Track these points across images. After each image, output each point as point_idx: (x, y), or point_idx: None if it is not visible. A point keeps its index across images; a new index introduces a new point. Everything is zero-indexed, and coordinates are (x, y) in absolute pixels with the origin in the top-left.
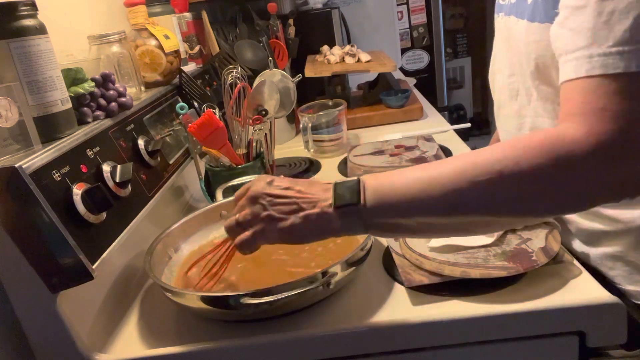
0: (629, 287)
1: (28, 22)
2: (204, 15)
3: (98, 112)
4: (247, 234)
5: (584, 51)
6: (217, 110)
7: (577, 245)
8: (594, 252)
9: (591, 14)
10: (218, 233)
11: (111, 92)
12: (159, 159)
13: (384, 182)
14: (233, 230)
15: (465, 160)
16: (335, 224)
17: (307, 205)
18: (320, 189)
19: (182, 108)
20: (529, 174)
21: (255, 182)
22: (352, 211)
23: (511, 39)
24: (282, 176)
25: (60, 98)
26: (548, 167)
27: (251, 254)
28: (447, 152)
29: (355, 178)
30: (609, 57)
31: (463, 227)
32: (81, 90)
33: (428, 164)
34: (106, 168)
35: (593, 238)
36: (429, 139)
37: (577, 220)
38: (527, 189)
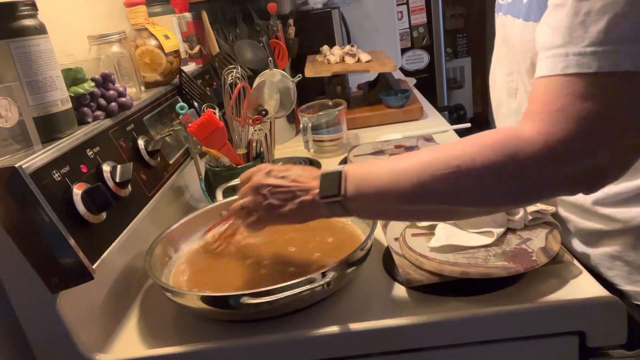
0: (628, 287)
1: (28, 22)
2: (204, 15)
3: (98, 112)
4: (252, 218)
5: (559, 49)
6: (217, 110)
7: (577, 245)
8: (593, 252)
9: (568, 13)
10: (218, 233)
11: (111, 92)
12: (159, 159)
13: (362, 172)
14: (239, 213)
15: (431, 155)
16: (323, 210)
17: (301, 192)
18: (311, 176)
19: (182, 108)
20: (483, 170)
21: (255, 172)
22: (334, 200)
23: (509, 38)
24: (280, 163)
25: (60, 98)
26: (500, 163)
27: (257, 232)
28: None
29: (338, 169)
30: (584, 57)
31: (432, 214)
32: (81, 90)
33: (400, 156)
34: (106, 168)
35: (592, 238)
36: (429, 139)
37: (576, 219)
38: (481, 184)
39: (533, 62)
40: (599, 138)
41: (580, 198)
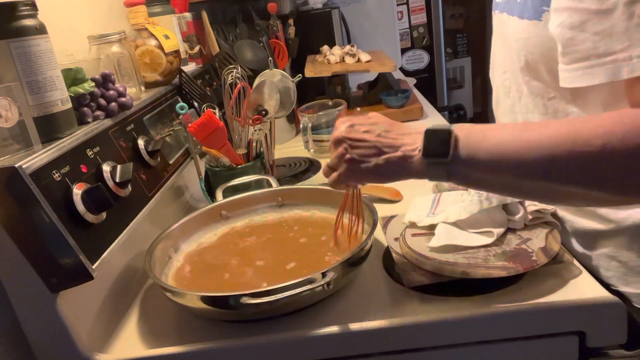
0: (623, 288)
1: (28, 22)
2: (204, 15)
3: (98, 112)
4: (334, 175)
5: (621, 54)
6: (217, 110)
7: (575, 245)
8: (591, 253)
9: (621, 17)
10: (217, 233)
11: (111, 92)
12: (159, 159)
13: (477, 135)
14: (327, 172)
15: (567, 127)
16: (419, 168)
17: (388, 148)
18: (401, 132)
19: (182, 108)
20: (634, 152)
21: (337, 125)
22: (439, 162)
23: (504, 36)
24: (362, 115)
25: (60, 98)
26: None
27: (348, 189)
28: None
29: (446, 127)
30: None
31: (550, 195)
32: (81, 90)
33: (525, 124)
34: (106, 168)
35: (588, 238)
36: None
37: (573, 219)
38: (629, 168)
39: (527, 60)
40: None
41: None
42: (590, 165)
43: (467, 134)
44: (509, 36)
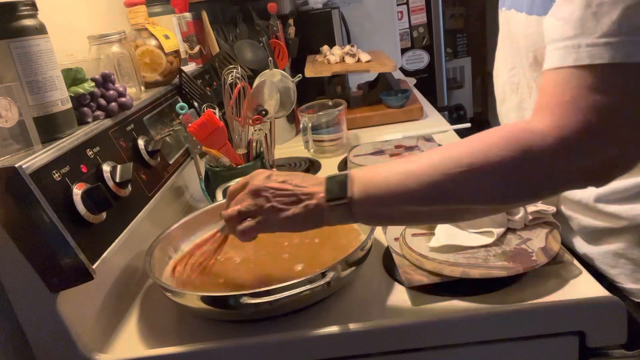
0: (631, 285)
1: (28, 22)
2: (204, 15)
3: (98, 112)
4: (249, 223)
5: (571, 41)
6: (217, 110)
7: (579, 243)
8: (596, 251)
9: (580, 4)
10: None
11: (111, 92)
12: (159, 159)
13: (369, 175)
14: (234, 219)
15: (441, 154)
16: (326, 214)
17: (305, 197)
18: (313, 182)
19: (182, 108)
20: (496, 166)
21: (255, 176)
22: (341, 204)
23: (512, 32)
24: (274, 169)
25: (60, 98)
26: (513, 159)
27: (251, 241)
28: None
29: (344, 173)
30: (596, 48)
31: (443, 215)
32: (81, 90)
33: (408, 158)
34: (106, 168)
35: (595, 236)
36: (429, 139)
37: (579, 217)
38: (495, 180)
39: (536, 57)
40: (612, 130)
41: (583, 196)
42: (464, 182)
43: (362, 175)
44: (517, 32)
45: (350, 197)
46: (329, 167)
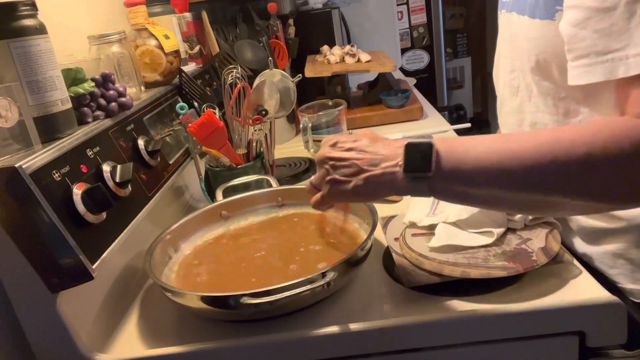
0: (630, 285)
1: (28, 22)
2: (204, 15)
3: (98, 112)
4: (318, 196)
5: (618, 53)
6: (217, 110)
7: (578, 243)
8: (595, 251)
9: (622, 16)
10: (218, 233)
11: (111, 92)
12: (159, 159)
13: (458, 149)
14: (310, 192)
15: (550, 137)
16: (400, 184)
17: (368, 166)
18: (383, 146)
19: (182, 108)
20: (617, 161)
21: (322, 144)
22: (420, 177)
23: (513, 35)
24: (347, 133)
25: (60, 98)
26: (636, 156)
27: (328, 210)
28: None
29: (427, 141)
30: None
31: (534, 206)
32: (81, 90)
33: (506, 135)
34: (106, 168)
35: (594, 236)
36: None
37: (579, 218)
38: (612, 176)
39: (538, 60)
40: None
41: None
42: (574, 174)
43: (449, 147)
44: (518, 36)
45: (435, 172)
46: None
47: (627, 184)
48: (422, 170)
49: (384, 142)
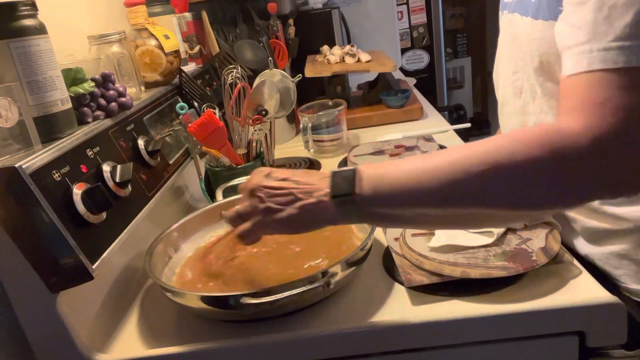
0: (635, 286)
1: (28, 22)
2: (204, 15)
3: (98, 112)
4: (246, 225)
5: (584, 46)
6: (217, 110)
7: (581, 244)
8: (599, 251)
9: (591, 9)
10: (218, 233)
11: (111, 92)
12: (159, 159)
13: (380, 171)
14: (234, 221)
15: (462, 152)
16: (331, 213)
17: (303, 195)
18: (316, 178)
19: (182, 108)
20: (524, 166)
21: (253, 174)
22: (347, 200)
23: (515, 36)
24: (279, 168)
25: (60, 98)
26: (544, 159)
27: (252, 244)
28: None
29: (351, 168)
30: (609, 52)
31: (458, 220)
32: (81, 90)
33: (424, 155)
34: (106, 168)
35: (598, 237)
36: (429, 139)
37: (583, 219)
38: (522, 182)
39: (541, 61)
40: None
41: None
42: (488, 182)
43: (371, 170)
44: (521, 37)
45: (358, 194)
46: (329, 167)
47: (539, 187)
48: (346, 194)
49: (316, 174)
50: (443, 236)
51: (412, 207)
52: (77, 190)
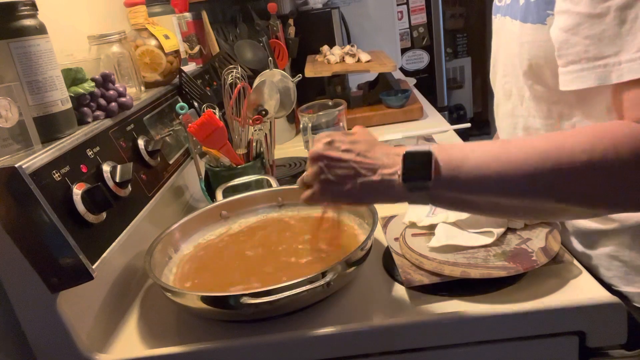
0: (625, 288)
1: (28, 22)
2: (204, 15)
3: (98, 112)
4: (308, 192)
5: (611, 59)
6: (217, 110)
7: (576, 245)
8: (592, 253)
9: (612, 22)
10: (218, 233)
11: (111, 92)
12: (159, 159)
13: (457, 155)
14: (301, 185)
15: (548, 144)
16: (398, 193)
17: (365, 171)
18: (382, 153)
19: (182, 108)
20: (619, 168)
21: (316, 141)
22: (420, 186)
23: (507, 39)
24: (342, 132)
25: (60, 98)
26: (637, 162)
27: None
28: None
29: (425, 149)
30: (635, 63)
31: (533, 212)
32: (81, 90)
33: (504, 142)
34: (106, 168)
35: (590, 238)
36: (429, 139)
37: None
38: (614, 183)
39: (530, 64)
40: None
41: None
42: (577, 180)
43: (447, 155)
44: (511, 40)
45: (435, 180)
46: None
47: (625, 190)
48: (421, 180)
49: (382, 149)
50: (443, 236)
51: (488, 196)
52: (77, 190)
